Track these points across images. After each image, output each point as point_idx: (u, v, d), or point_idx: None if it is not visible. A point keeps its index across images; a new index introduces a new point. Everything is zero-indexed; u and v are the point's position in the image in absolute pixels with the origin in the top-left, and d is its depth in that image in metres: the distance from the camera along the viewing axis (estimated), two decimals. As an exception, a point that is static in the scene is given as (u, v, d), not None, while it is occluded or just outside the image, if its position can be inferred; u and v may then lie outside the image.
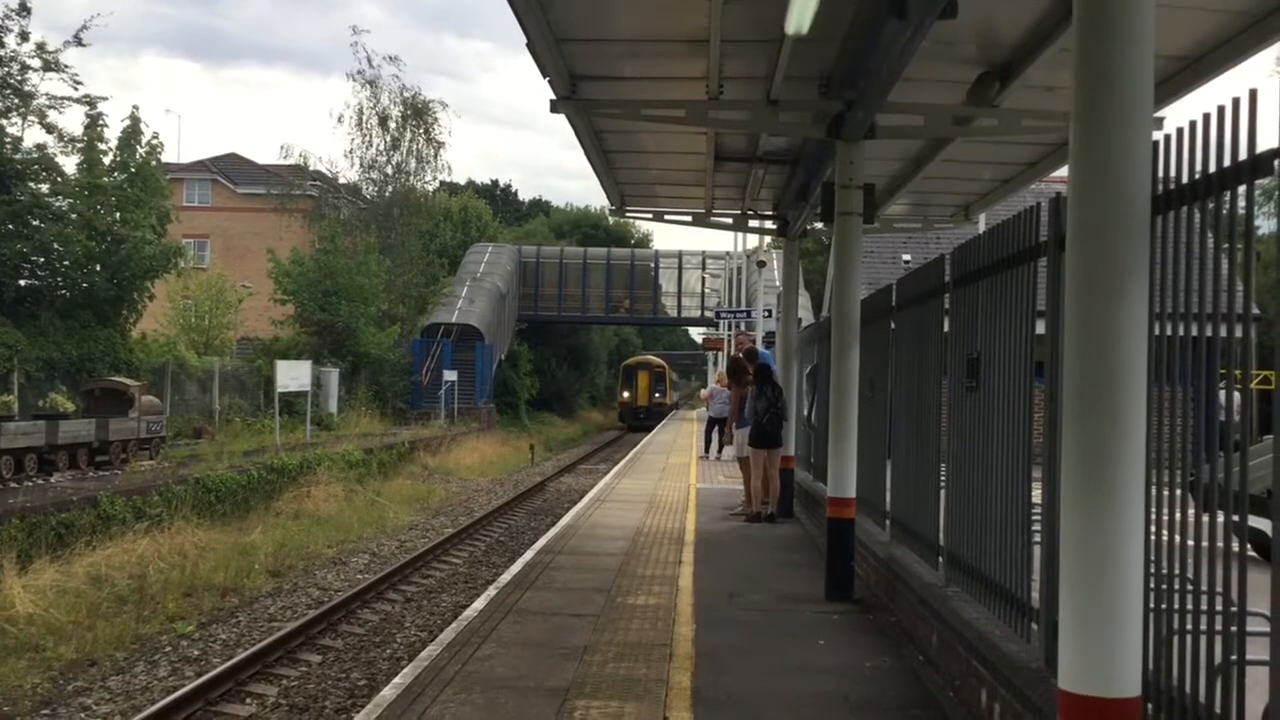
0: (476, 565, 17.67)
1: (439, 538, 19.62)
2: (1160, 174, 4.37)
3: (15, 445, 17.80)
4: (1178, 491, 4.43)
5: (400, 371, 42.70)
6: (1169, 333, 4.46)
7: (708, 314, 54.20)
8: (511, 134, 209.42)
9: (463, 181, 77.33)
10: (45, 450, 18.69)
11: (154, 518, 16.97)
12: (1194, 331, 4.32)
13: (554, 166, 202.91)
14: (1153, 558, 4.41)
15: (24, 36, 24.46)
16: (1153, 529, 4.41)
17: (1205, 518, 4.20)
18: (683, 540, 13.33)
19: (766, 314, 31.17)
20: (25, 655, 11.28)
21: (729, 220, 18.53)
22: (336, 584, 15.82)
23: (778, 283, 30.15)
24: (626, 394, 64.19)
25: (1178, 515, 4.38)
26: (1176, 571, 4.37)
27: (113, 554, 15.02)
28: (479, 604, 9.62)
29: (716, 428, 27.81)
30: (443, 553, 18.35)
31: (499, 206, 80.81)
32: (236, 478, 20.54)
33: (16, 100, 24.54)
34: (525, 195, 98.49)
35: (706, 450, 28.07)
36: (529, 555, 12.29)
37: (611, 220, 75.80)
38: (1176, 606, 4.36)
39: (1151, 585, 4.42)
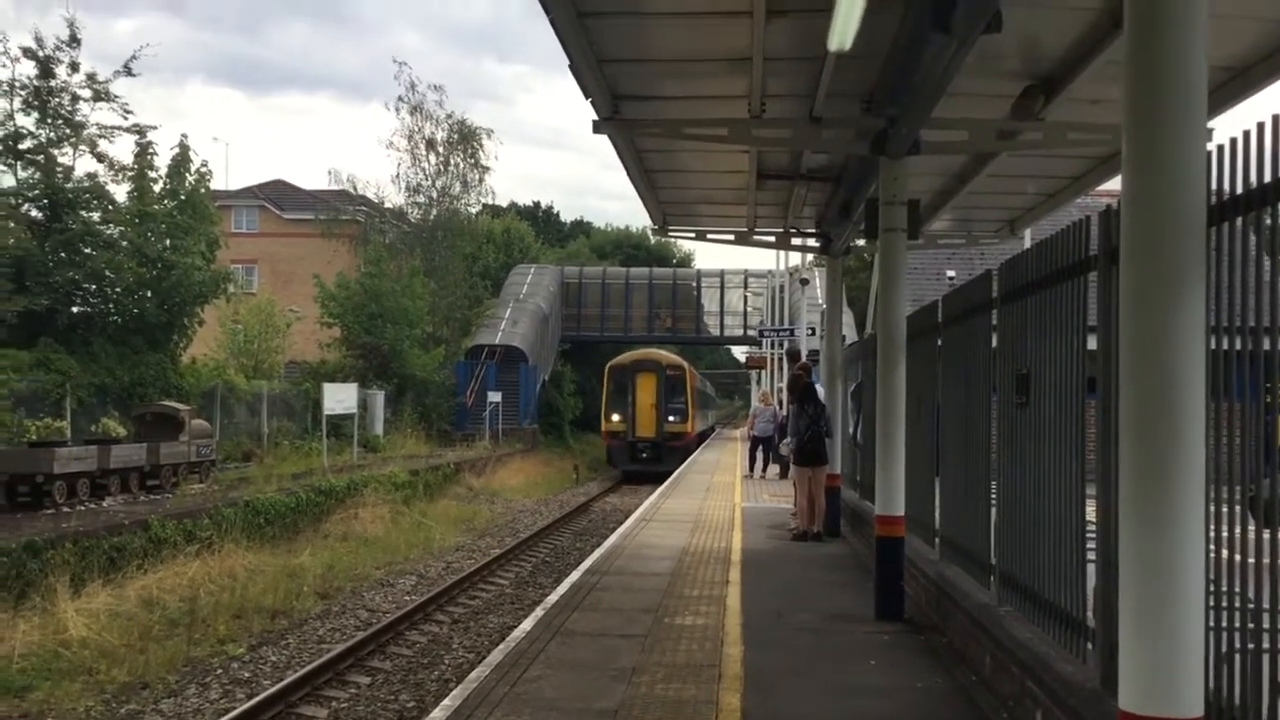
0: (523, 586, 17.68)
1: (485, 559, 19.66)
2: (1213, 185, 4.31)
3: (68, 470, 18.06)
4: (1236, 508, 4.35)
5: (445, 393, 42.91)
6: (1224, 346, 4.39)
7: (750, 332, 53.99)
8: (551, 154, 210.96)
9: (505, 204, 77.83)
10: (97, 475, 18.94)
11: (204, 540, 17.13)
12: (1250, 345, 4.25)
13: (594, 187, 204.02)
14: (1211, 575, 4.33)
15: (74, 67, 24.94)
16: (1211, 546, 4.33)
17: (1265, 534, 4.12)
18: (729, 560, 13.27)
19: (810, 332, 31.01)
20: (79, 678, 11.40)
21: (771, 239, 18.49)
22: (384, 605, 15.88)
23: (820, 300, 30.02)
24: (616, 416, 40.36)
25: (1237, 532, 4.30)
26: (1236, 589, 4.29)
27: (164, 577, 15.18)
28: (526, 625, 9.61)
29: (760, 446, 27.77)
30: (489, 574, 18.38)
31: (541, 228, 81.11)
32: (285, 500, 20.70)
33: (68, 130, 25.00)
34: (566, 216, 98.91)
35: (751, 469, 27.99)
36: (575, 576, 12.28)
37: (653, 240, 75.92)
38: (1237, 624, 4.27)
39: (1211, 603, 4.34)
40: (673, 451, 38.64)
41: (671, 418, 40.25)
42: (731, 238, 17.75)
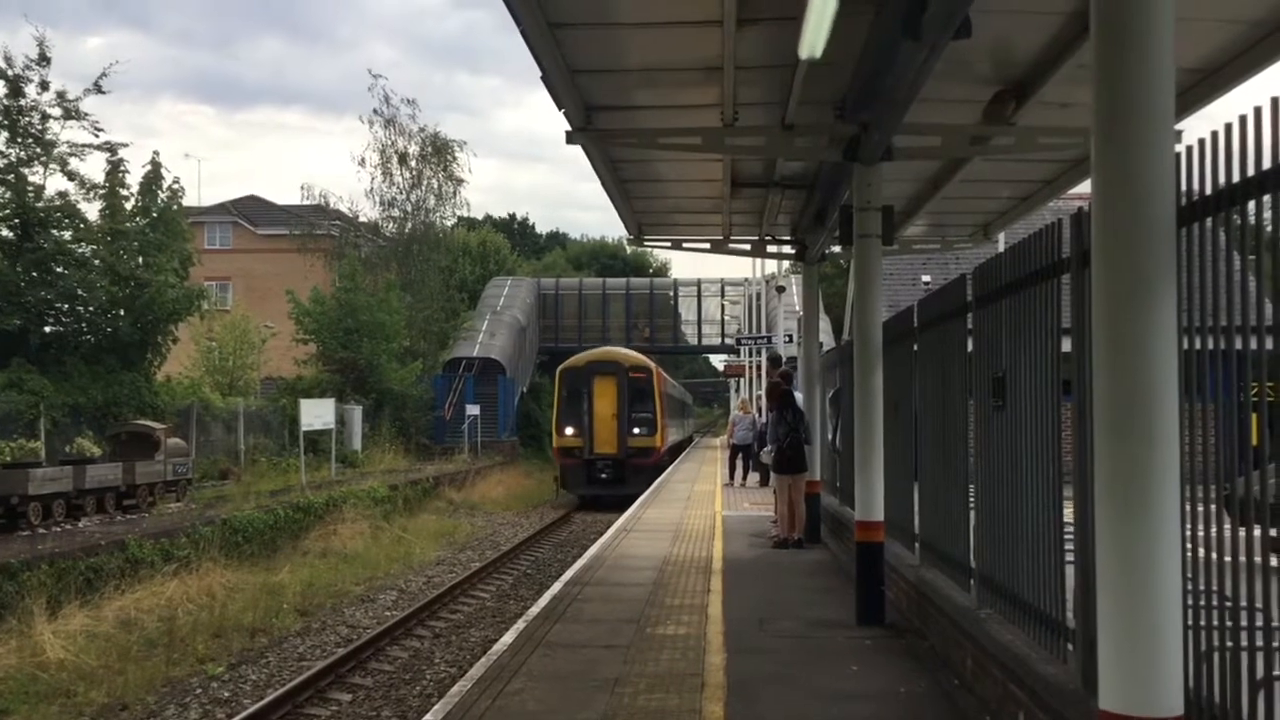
0: (504, 599, 17.61)
1: (466, 572, 19.57)
2: (1182, 187, 4.34)
3: (43, 491, 17.90)
4: (1212, 506, 4.37)
5: (423, 407, 42.78)
6: (1197, 346, 4.42)
7: (728, 341, 54.08)
8: (526, 167, 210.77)
9: (480, 216, 77.81)
10: (73, 495, 18.78)
11: (182, 560, 17.01)
12: (1221, 344, 4.28)
13: (570, 199, 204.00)
14: (1189, 574, 4.35)
15: (44, 86, 24.77)
16: (1187, 544, 4.35)
17: (1241, 531, 4.14)
18: (710, 569, 13.26)
19: (787, 339, 31.14)
20: (56, 701, 11.28)
21: (747, 246, 18.52)
22: (365, 621, 15.78)
23: (797, 307, 30.11)
24: (570, 429, 32.23)
25: (1213, 530, 4.32)
26: (1214, 587, 4.31)
27: (141, 597, 15.05)
28: (508, 638, 9.57)
29: (740, 454, 27.80)
30: (470, 587, 18.30)
31: (517, 240, 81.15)
32: (263, 518, 20.58)
33: (38, 149, 24.83)
34: (542, 228, 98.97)
35: (731, 478, 28.01)
36: (557, 588, 12.24)
37: (629, 250, 76.10)
38: (1215, 623, 4.29)
39: (1189, 602, 4.36)
40: (639, 470, 31.65)
41: (636, 430, 32.34)
42: (707, 246, 17.78)
